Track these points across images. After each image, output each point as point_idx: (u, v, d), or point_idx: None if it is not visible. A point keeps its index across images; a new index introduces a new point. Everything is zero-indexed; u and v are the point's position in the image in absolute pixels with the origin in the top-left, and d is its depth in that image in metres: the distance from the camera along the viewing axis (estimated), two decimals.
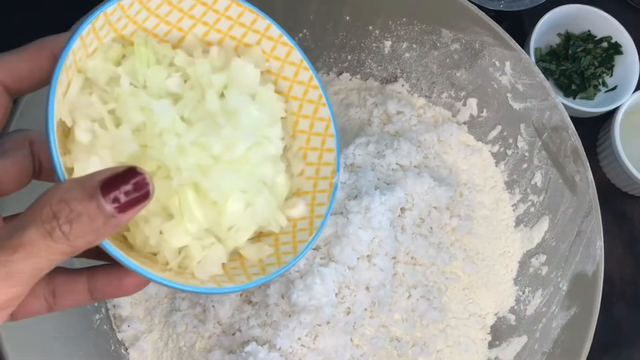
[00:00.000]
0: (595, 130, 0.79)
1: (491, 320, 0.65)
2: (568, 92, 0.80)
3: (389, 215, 0.58)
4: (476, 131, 0.69)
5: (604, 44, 0.80)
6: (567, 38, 0.81)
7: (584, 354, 0.55)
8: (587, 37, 0.80)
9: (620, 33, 0.78)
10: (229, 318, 0.58)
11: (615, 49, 0.79)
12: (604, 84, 0.80)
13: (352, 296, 0.56)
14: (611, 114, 0.76)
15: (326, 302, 0.54)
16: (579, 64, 0.79)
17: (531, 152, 0.65)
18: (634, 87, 0.76)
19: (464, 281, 0.65)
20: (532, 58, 0.76)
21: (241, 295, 0.58)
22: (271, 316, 0.56)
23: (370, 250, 0.57)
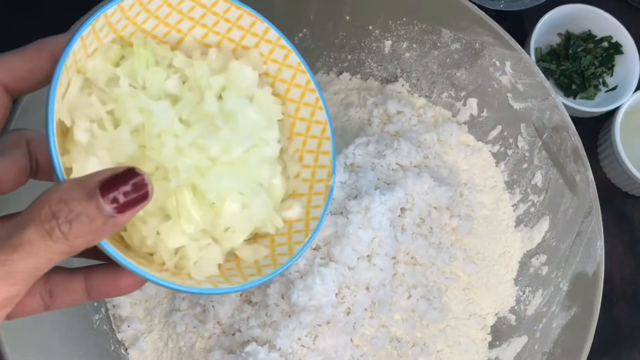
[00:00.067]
0: (595, 130, 0.79)
1: (491, 320, 0.65)
2: (568, 92, 0.80)
3: (389, 215, 0.58)
4: (476, 131, 0.69)
5: (605, 44, 0.80)
6: (568, 38, 0.81)
7: (584, 354, 0.55)
8: (588, 36, 0.80)
9: (620, 33, 0.78)
10: (229, 318, 0.58)
11: (615, 48, 0.79)
12: (604, 83, 0.80)
13: (352, 296, 0.56)
14: (611, 113, 0.76)
15: (326, 302, 0.54)
16: (579, 63, 0.79)
17: (531, 152, 0.65)
18: (634, 87, 0.76)
19: (464, 281, 0.65)
20: (532, 58, 0.75)
21: (241, 295, 0.58)
22: (271, 316, 0.56)
23: (370, 250, 0.57)
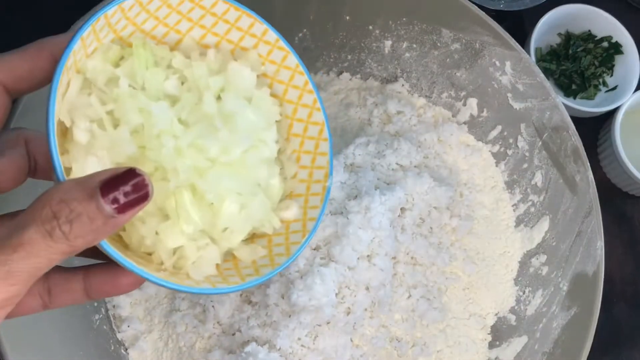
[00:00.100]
0: (595, 130, 0.79)
1: (491, 320, 0.65)
2: (568, 92, 0.80)
3: (389, 215, 0.58)
4: (476, 131, 0.69)
5: (605, 44, 0.80)
6: (568, 38, 0.81)
7: (584, 354, 0.55)
8: (588, 36, 0.80)
9: (620, 33, 0.78)
10: (229, 318, 0.58)
11: (615, 48, 0.79)
12: (604, 83, 0.80)
13: (352, 296, 0.56)
14: (611, 113, 0.76)
15: (326, 302, 0.54)
16: (579, 63, 0.79)
17: (531, 152, 0.65)
18: (634, 86, 0.76)
19: (464, 281, 0.65)
20: (532, 58, 0.75)
21: (241, 295, 0.58)
22: (271, 316, 0.56)
23: (370, 250, 0.57)
